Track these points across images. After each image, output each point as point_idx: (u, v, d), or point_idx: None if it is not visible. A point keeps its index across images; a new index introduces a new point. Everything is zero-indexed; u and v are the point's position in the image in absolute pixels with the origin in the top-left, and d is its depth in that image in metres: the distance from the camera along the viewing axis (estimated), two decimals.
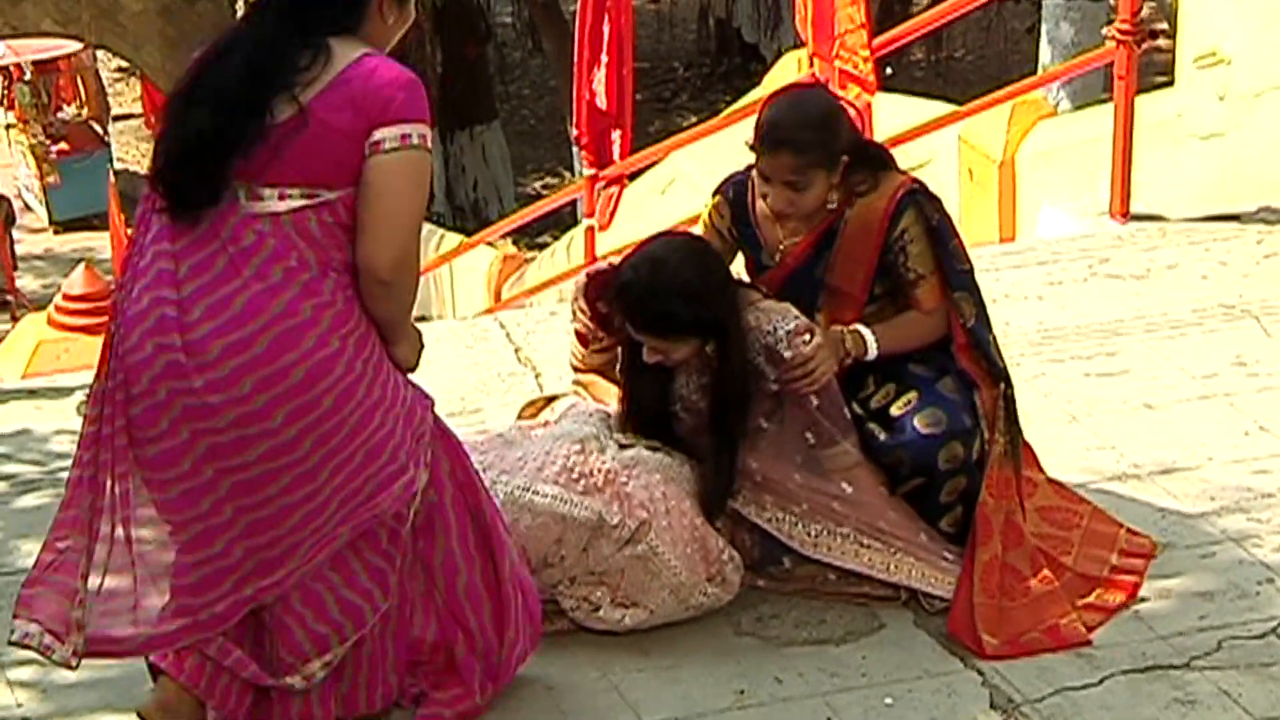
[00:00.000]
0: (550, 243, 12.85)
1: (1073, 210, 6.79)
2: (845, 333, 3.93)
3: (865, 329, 3.94)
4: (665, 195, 10.13)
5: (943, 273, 3.97)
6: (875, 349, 3.94)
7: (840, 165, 3.91)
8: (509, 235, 11.95)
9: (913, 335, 3.99)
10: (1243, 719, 3.54)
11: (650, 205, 9.79)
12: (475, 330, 5.78)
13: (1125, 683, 3.65)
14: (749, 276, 4.08)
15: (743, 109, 8.43)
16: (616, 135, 8.10)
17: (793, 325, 3.82)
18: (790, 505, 3.87)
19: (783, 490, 3.87)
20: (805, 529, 3.87)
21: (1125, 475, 4.45)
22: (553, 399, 4.24)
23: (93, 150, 19.88)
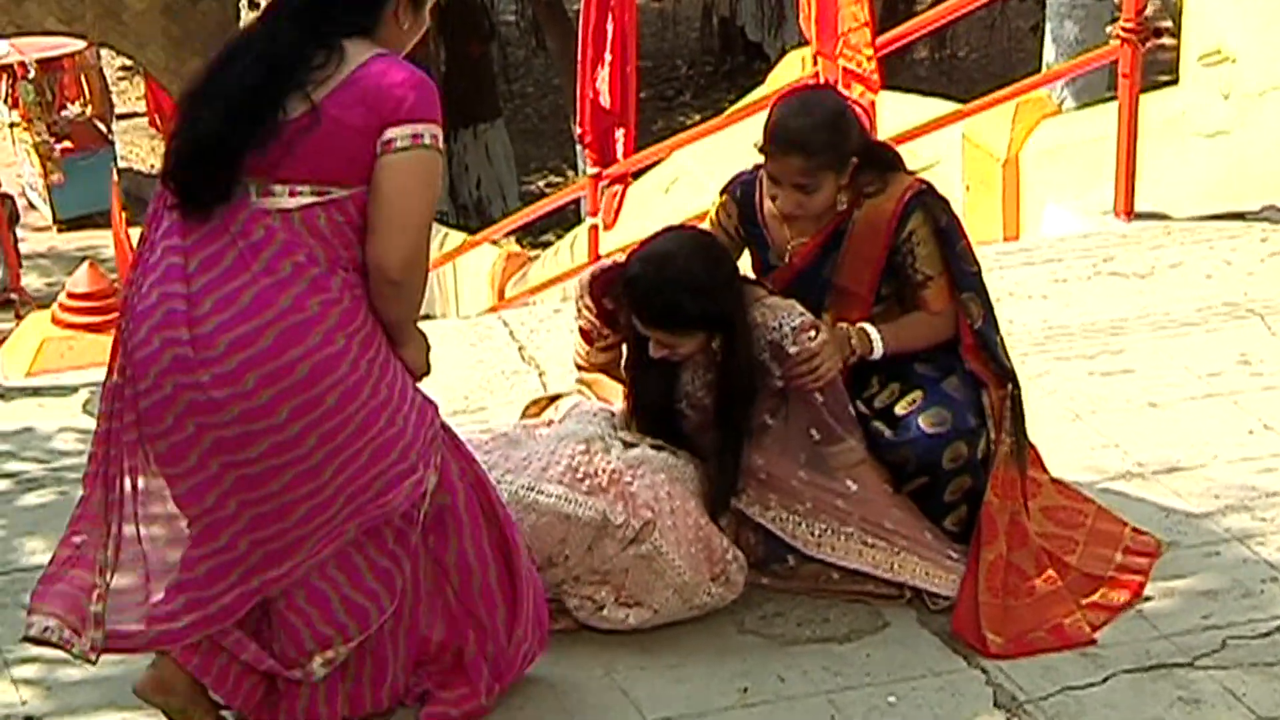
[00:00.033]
0: (554, 241, 12.83)
1: (1077, 209, 6.77)
2: (851, 330, 3.92)
3: (871, 328, 3.94)
4: (669, 194, 10.12)
5: (951, 274, 3.97)
6: (881, 348, 3.93)
7: (849, 166, 3.91)
8: (512, 234, 11.92)
9: (919, 335, 3.98)
10: (1247, 718, 3.53)
11: (654, 204, 9.78)
12: (479, 329, 5.78)
13: (1129, 682, 3.65)
14: (756, 276, 4.08)
15: (746, 107, 8.43)
16: (620, 134, 8.09)
17: (798, 321, 3.82)
18: (794, 504, 3.87)
19: (787, 487, 3.86)
20: (809, 528, 3.87)
21: (1130, 474, 4.45)
22: (556, 398, 4.24)
23: (97, 149, 19.84)
